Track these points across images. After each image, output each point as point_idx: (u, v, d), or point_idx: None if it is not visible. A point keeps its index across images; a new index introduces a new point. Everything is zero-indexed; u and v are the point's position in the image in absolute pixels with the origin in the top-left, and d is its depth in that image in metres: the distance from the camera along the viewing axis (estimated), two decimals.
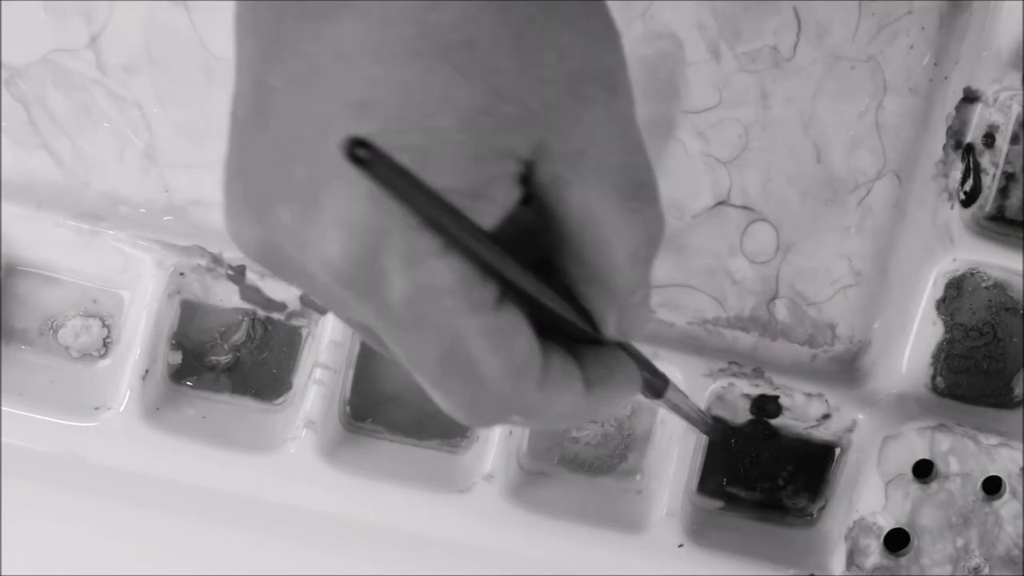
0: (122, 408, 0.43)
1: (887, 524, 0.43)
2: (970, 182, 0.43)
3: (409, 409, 0.45)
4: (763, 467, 0.45)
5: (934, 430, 0.43)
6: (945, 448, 0.43)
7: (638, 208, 0.26)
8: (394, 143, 0.22)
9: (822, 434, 0.45)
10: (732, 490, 0.46)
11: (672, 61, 0.43)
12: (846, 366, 0.45)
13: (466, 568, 0.44)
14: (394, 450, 0.45)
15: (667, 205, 0.44)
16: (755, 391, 0.44)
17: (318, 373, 0.43)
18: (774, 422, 0.44)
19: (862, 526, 0.43)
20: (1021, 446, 0.43)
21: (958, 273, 0.43)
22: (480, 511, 0.43)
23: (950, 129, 0.43)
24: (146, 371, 0.43)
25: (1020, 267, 0.43)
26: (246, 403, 0.45)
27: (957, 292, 0.44)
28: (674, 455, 0.43)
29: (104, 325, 0.45)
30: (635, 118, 0.26)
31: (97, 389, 0.44)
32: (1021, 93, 0.42)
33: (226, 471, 0.43)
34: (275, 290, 0.44)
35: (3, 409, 0.43)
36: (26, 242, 0.44)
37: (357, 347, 0.45)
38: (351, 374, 0.45)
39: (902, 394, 0.44)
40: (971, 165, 0.43)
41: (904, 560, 0.43)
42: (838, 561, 0.43)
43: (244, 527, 0.44)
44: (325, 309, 0.44)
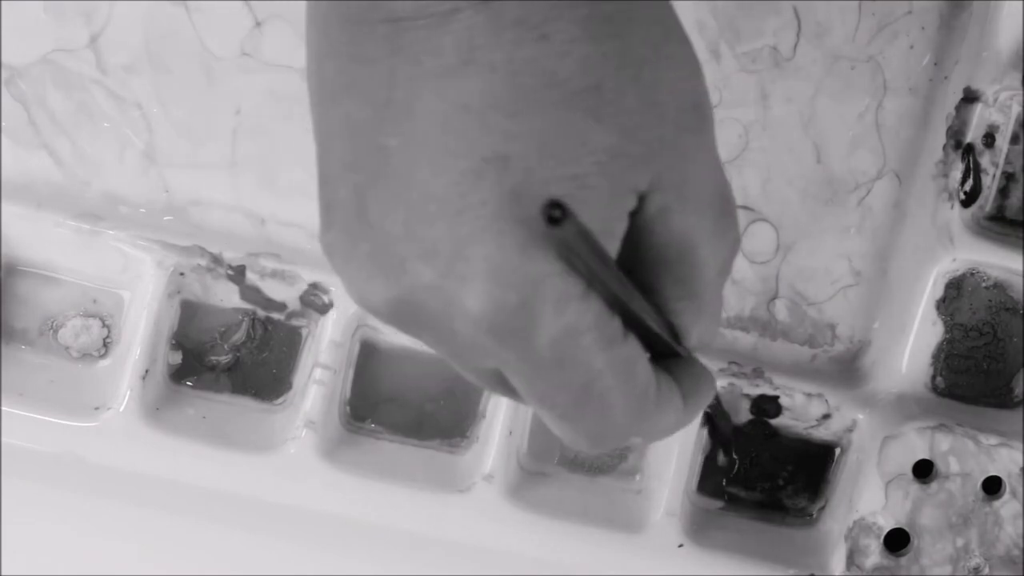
0: (122, 408, 0.43)
1: (887, 524, 0.43)
2: (970, 182, 0.43)
3: (409, 409, 0.45)
4: (763, 467, 0.45)
5: (934, 430, 0.43)
6: (945, 448, 0.43)
7: (728, 224, 0.27)
8: (536, 193, 0.23)
9: (822, 434, 0.45)
10: (732, 490, 0.46)
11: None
12: (846, 366, 0.45)
13: (466, 568, 0.44)
14: (394, 450, 0.45)
15: None
16: (755, 391, 0.44)
17: (318, 373, 0.43)
18: (774, 422, 0.44)
19: (862, 526, 0.43)
20: (1021, 446, 0.43)
21: (958, 273, 0.43)
22: (480, 511, 0.43)
23: (950, 129, 0.43)
24: (146, 371, 0.43)
25: (1020, 267, 0.43)
26: (246, 403, 0.45)
27: (957, 292, 0.44)
28: (674, 455, 0.43)
29: (104, 325, 0.45)
30: (715, 138, 0.27)
31: (97, 389, 0.44)
32: (1021, 93, 0.42)
33: (226, 471, 0.43)
34: (275, 290, 0.44)
35: (3, 409, 0.43)
36: (26, 242, 0.44)
37: (357, 347, 0.45)
38: (351, 374, 0.45)
39: (902, 394, 0.44)
40: (971, 165, 0.43)
41: (904, 560, 0.43)
42: (838, 561, 0.43)
43: (244, 527, 0.44)
44: (325, 309, 0.44)
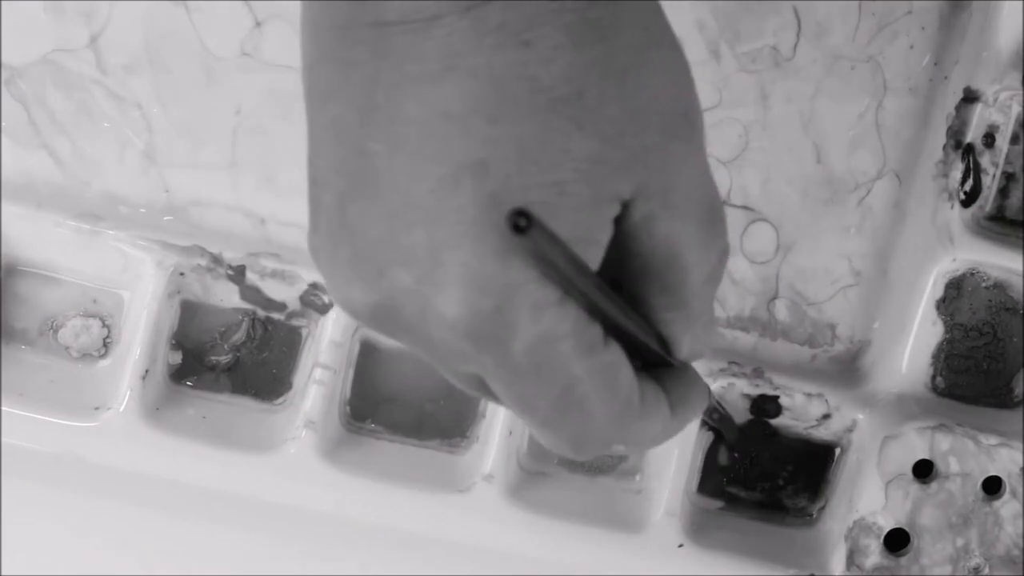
0: (122, 408, 0.43)
1: (887, 524, 0.43)
2: (970, 182, 0.43)
3: (409, 409, 0.45)
4: (763, 467, 0.45)
5: (934, 430, 0.43)
6: (945, 448, 0.43)
7: (715, 233, 0.27)
8: (515, 199, 0.23)
9: (822, 434, 0.45)
10: (732, 490, 0.46)
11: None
12: (846, 366, 0.45)
13: (466, 568, 0.44)
14: (394, 450, 0.45)
15: None
16: (755, 391, 0.44)
17: (318, 373, 0.43)
18: (774, 422, 0.44)
19: (862, 526, 0.43)
20: (1021, 446, 0.43)
21: (958, 273, 0.43)
22: (480, 511, 0.43)
23: (950, 129, 0.43)
24: (146, 371, 0.43)
25: (1020, 267, 0.43)
26: (246, 403, 0.45)
27: (957, 292, 0.44)
28: (674, 455, 0.43)
29: (104, 325, 0.45)
30: (705, 147, 0.27)
31: (97, 389, 0.44)
32: (1021, 93, 0.42)
33: (226, 471, 0.43)
34: (275, 290, 0.44)
35: (3, 409, 0.43)
36: (26, 242, 0.44)
37: (357, 347, 0.45)
38: (351, 374, 0.45)
39: (902, 394, 0.44)
40: (971, 165, 0.43)
41: (904, 560, 0.43)
42: (838, 561, 0.43)
43: (244, 527, 0.44)
44: (325, 309, 0.44)
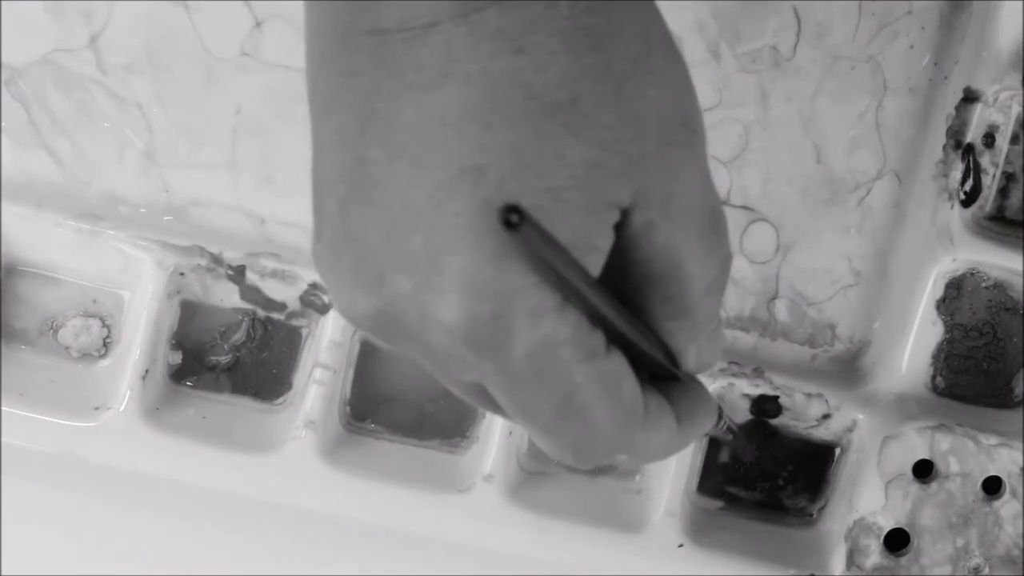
0: (122, 408, 0.43)
1: (887, 524, 0.43)
2: (970, 182, 0.43)
3: (409, 409, 0.45)
4: (763, 467, 0.45)
5: (934, 430, 0.43)
6: (945, 448, 0.43)
7: (716, 242, 0.27)
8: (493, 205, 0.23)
9: (822, 434, 0.45)
10: (732, 490, 0.46)
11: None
12: (846, 366, 0.45)
13: (466, 568, 0.44)
14: (394, 450, 0.45)
15: None
16: (755, 391, 0.44)
17: (318, 373, 0.43)
18: (774, 422, 0.44)
19: (862, 526, 0.43)
20: (1021, 446, 0.43)
21: (958, 273, 0.43)
22: (480, 511, 0.43)
23: (950, 129, 0.43)
24: (146, 371, 0.43)
25: (1020, 267, 0.43)
26: (246, 403, 0.45)
27: (957, 292, 0.44)
28: (674, 455, 0.43)
29: (104, 325, 0.45)
30: (707, 155, 0.27)
31: (97, 389, 0.44)
32: (1021, 93, 0.42)
33: (226, 471, 0.43)
34: (275, 290, 0.44)
35: (3, 409, 0.43)
36: (26, 242, 0.44)
37: (357, 347, 0.45)
38: (351, 374, 0.45)
39: (902, 394, 0.44)
40: (971, 165, 0.43)
41: (904, 560, 0.43)
42: (838, 561, 0.43)
43: (244, 527, 0.44)
44: (325, 309, 0.44)
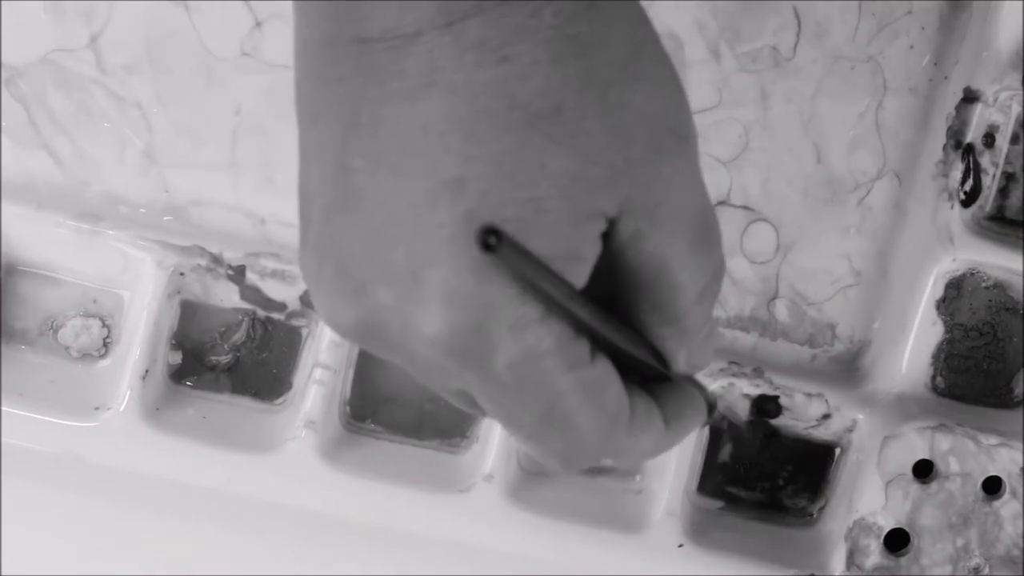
0: (122, 408, 0.43)
1: (887, 524, 0.43)
2: (970, 182, 0.43)
3: (409, 409, 0.45)
4: (763, 467, 0.45)
5: (934, 430, 0.43)
6: (945, 448, 0.43)
7: (707, 251, 0.27)
8: (492, 215, 0.23)
9: (822, 434, 0.45)
10: (732, 490, 0.46)
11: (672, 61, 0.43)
12: (846, 366, 0.45)
13: (466, 568, 0.44)
14: (394, 450, 0.45)
15: None
16: (755, 391, 0.44)
17: (318, 373, 0.43)
18: (774, 422, 0.44)
19: (862, 526, 0.43)
20: (1021, 446, 0.43)
21: (958, 273, 0.43)
22: (480, 511, 0.43)
23: (950, 129, 0.43)
24: (146, 371, 0.43)
25: (1020, 267, 0.43)
26: (246, 403, 0.45)
27: (957, 292, 0.44)
28: (674, 455, 0.43)
29: (104, 325, 0.45)
30: (699, 161, 0.27)
31: (97, 389, 0.44)
32: (1021, 93, 0.42)
33: (226, 471, 0.43)
34: (275, 290, 0.44)
35: (3, 409, 0.43)
36: (26, 242, 0.44)
37: (357, 347, 0.45)
38: (351, 374, 0.45)
39: (902, 394, 0.44)
40: (971, 165, 0.43)
41: (904, 560, 0.43)
42: (838, 561, 0.43)
43: (244, 527, 0.44)
44: None
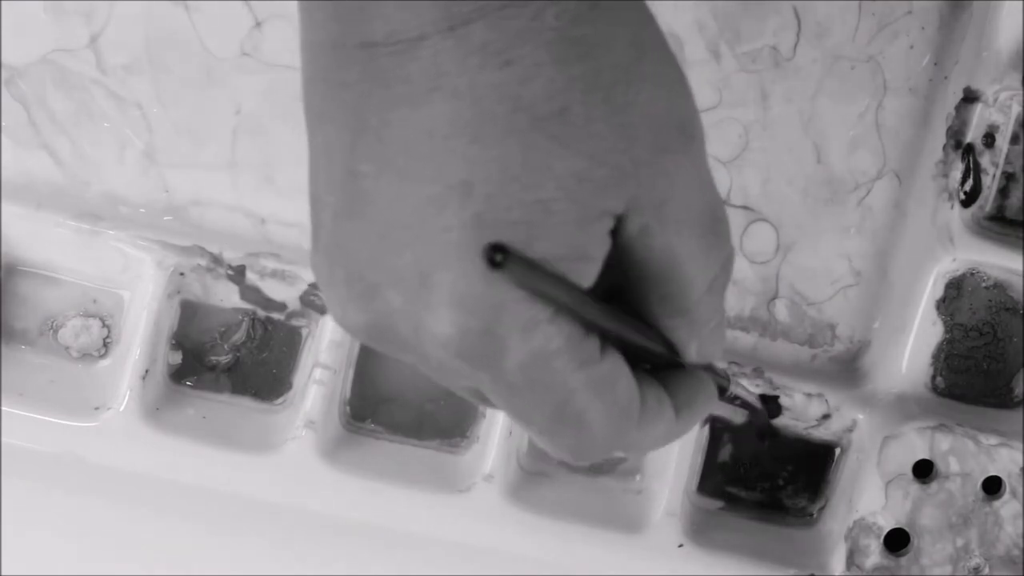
0: (122, 408, 0.43)
1: (887, 524, 0.43)
2: (970, 182, 0.43)
3: (409, 409, 0.45)
4: (763, 467, 0.45)
5: (934, 430, 0.43)
6: (945, 448, 0.43)
7: (716, 243, 0.27)
8: (499, 219, 0.23)
9: (822, 434, 0.45)
10: (732, 490, 0.46)
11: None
12: (846, 366, 0.45)
13: (466, 568, 0.44)
14: (394, 450, 0.45)
15: None
16: (755, 391, 0.44)
17: (318, 373, 0.43)
18: (774, 422, 0.44)
19: (862, 526, 0.43)
20: (1021, 446, 0.43)
21: (958, 273, 0.43)
22: (480, 511, 0.43)
23: (950, 129, 0.43)
24: (146, 371, 0.43)
25: (1020, 267, 0.43)
26: (246, 403, 0.45)
27: (957, 292, 0.44)
28: (674, 455, 0.43)
29: (104, 325, 0.45)
30: (706, 157, 0.27)
31: (97, 389, 0.44)
32: (1021, 93, 0.42)
33: (226, 471, 0.43)
34: (275, 290, 0.44)
35: (3, 409, 0.43)
36: (26, 242, 0.44)
37: (357, 347, 0.45)
38: (351, 374, 0.45)
39: (902, 394, 0.44)
40: (971, 165, 0.43)
41: (904, 560, 0.43)
42: (838, 561, 0.43)
43: (244, 527, 0.44)
44: (325, 309, 0.44)
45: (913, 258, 0.44)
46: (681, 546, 0.43)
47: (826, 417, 0.44)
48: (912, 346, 0.44)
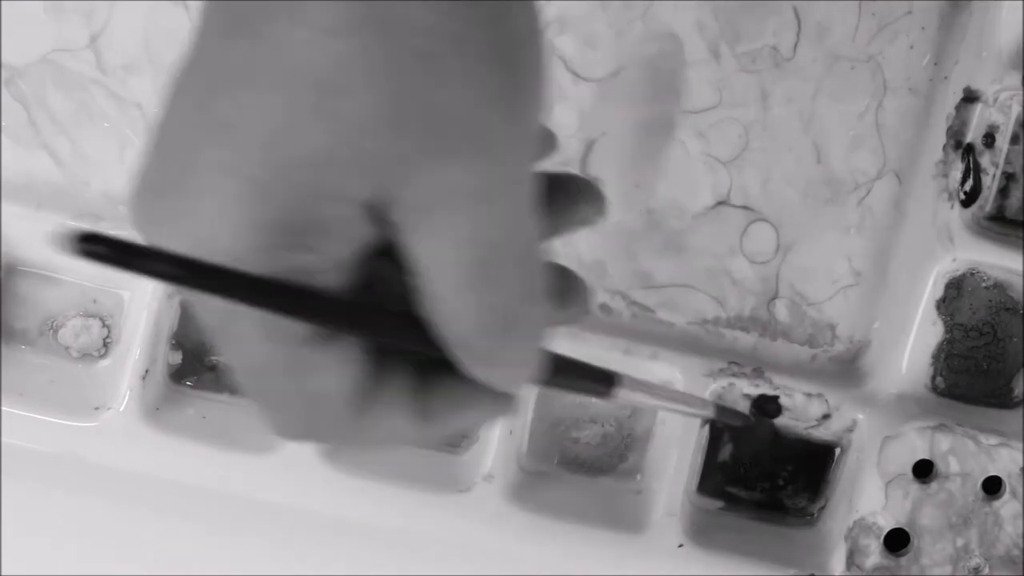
0: (122, 408, 0.43)
1: (887, 524, 0.43)
2: (970, 182, 0.43)
3: None
4: (763, 467, 0.45)
5: (934, 430, 0.43)
6: (945, 448, 0.43)
7: (482, 288, 0.24)
8: (238, 169, 0.23)
9: (822, 434, 0.45)
10: (732, 490, 0.46)
11: (672, 61, 0.43)
12: (846, 366, 0.45)
13: (466, 568, 0.44)
14: (394, 450, 0.45)
15: (667, 205, 0.44)
16: (755, 391, 0.44)
17: None
18: (774, 422, 0.44)
19: (862, 526, 0.43)
20: (1021, 446, 0.43)
21: (958, 273, 0.43)
22: (480, 511, 0.43)
23: (950, 129, 0.43)
24: (146, 371, 0.43)
25: (1020, 267, 0.43)
26: (246, 403, 0.45)
27: (957, 292, 0.44)
28: (674, 455, 0.43)
29: (104, 325, 0.45)
30: (520, 189, 0.24)
31: (97, 389, 0.44)
32: (1021, 93, 0.42)
33: (226, 471, 0.43)
34: None
35: (3, 409, 0.43)
36: (26, 242, 0.44)
37: None
38: None
39: (902, 394, 0.44)
40: (971, 165, 0.43)
41: (904, 560, 0.43)
42: (838, 561, 0.43)
43: (243, 527, 0.44)
44: None
45: (913, 258, 0.44)
46: (681, 546, 0.43)
47: (826, 417, 0.44)
48: (912, 346, 0.44)
